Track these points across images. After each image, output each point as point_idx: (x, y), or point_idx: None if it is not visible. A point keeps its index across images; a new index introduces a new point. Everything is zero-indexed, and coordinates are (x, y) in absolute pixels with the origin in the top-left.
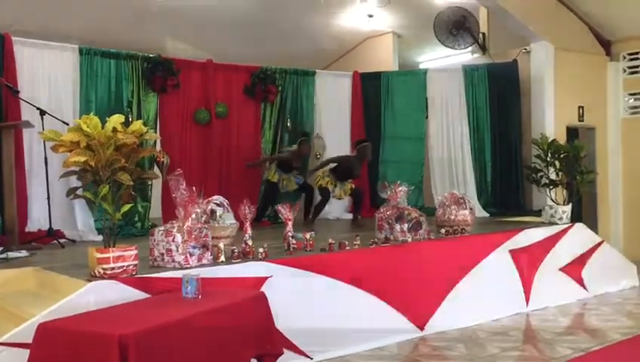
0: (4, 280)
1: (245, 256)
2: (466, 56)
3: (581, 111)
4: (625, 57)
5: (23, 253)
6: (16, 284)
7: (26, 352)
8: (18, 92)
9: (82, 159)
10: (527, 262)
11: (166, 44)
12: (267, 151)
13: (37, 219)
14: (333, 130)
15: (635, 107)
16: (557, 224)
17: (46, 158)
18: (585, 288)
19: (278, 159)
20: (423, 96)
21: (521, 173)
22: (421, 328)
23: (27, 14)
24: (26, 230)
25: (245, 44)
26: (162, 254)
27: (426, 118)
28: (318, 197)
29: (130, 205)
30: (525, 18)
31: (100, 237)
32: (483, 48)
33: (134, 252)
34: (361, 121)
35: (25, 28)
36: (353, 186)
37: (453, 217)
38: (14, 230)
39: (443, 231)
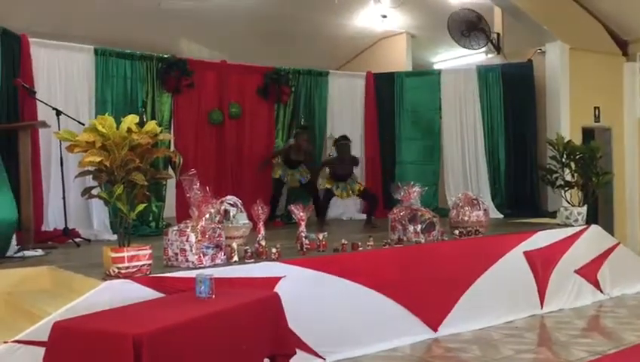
0: (21, 278)
1: (258, 256)
2: (480, 56)
3: (597, 111)
4: None
5: (39, 252)
6: (32, 283)
7: (42, 350)
8: (35, 92)
9: (97, 159)
10: (542, 263)
11: (180, 45)
12: (279, 146)
13: (52, 219)
14: (347, 130)
15: None
16: (572, 226)
17: (61, 158)
18: (600, 290)
19: (278, 154)
20: (436, 97)
21: (536, 175)
22: (434, 329)
23: (43, 16)
24: (42, 229)
25: (259, 45)
26: (176, 254)
27: (440, 118)
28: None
29: (145, 205)
30: (540, 17)
31: (114, 237)
32: (497, 48)
33: (148, 251)
34: (374, 121)
35: (41, 29)
36: (362, 188)
37: (466, 218)
38: (30, 229)
39: (457, 232)
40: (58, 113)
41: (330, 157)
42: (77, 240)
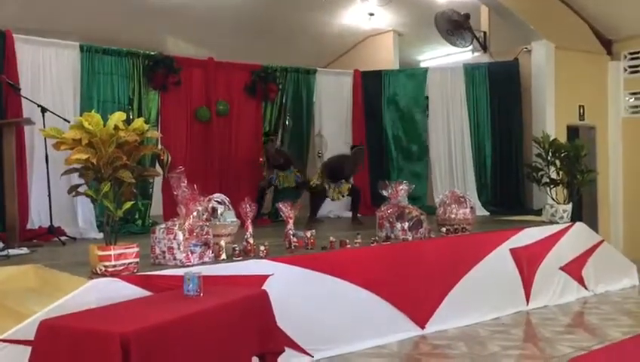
0: (6, 277)
1: (247, 253)
2: (466, 54)
3: (582, 110)
4: (626, 56)
5: (24, 251)
6: (17, 281)
7: (28, 349)
8: (19, 89)
9: (84, 157)
10: (528, 260)
11: (167, 42)
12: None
13: (37, 217)
14: (334, 128)
15: (636, 106)
16: (557, 223)
17: (47, 156)
18: (585, 287)
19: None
20: (423, 95)
21: (522, 172)
22: (422, 326)
23: (28, 11)
24: (27, 227)
25: (246, 43)
26: (164, 252)
27: (427, 116)
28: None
29: (132, 203)
30: (526, 16)
31: (100, 235)
32: (484, 47)
33: (136, 249)
34: (362, 119)
35: (26, 25)
36: (350, 186)
37: (453, 216)
38: (15, 227)
39: (444, 229)
40: (43, 110)
41: (339, 155)
42: (62, 238)
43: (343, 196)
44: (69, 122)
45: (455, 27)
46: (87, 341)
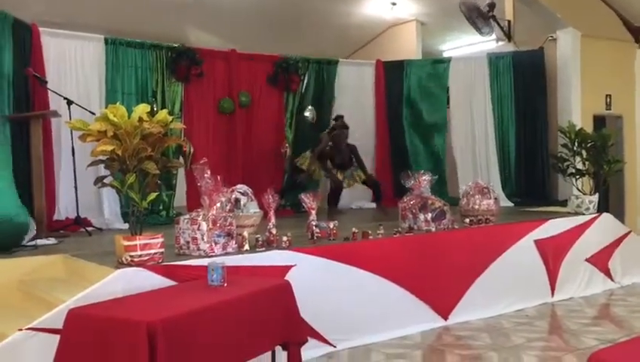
0: (35, 267)
1: (269, 244)
2: (490, 44)
3: (608, 99)
4: None
5: (52, 241)
6: (45, 271)
7: (56, 337)
8: (46, 82)
9: (109, 148)
10: (553, 252)
11: (189, 34)
12: (290, 139)
13: (64, 208)
14: (356, 119)
15: None
16: (583, 214)
17: (73, 148)
18: (611, 278)
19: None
20: (446, 85)
21: (547, 163)
22: (445, 318)
23: (54, 5)
24: (54, 218)
25: (268, 34)
26: (188, 242)
27: (448, 106)
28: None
29: (156, 194)
30: (551, 4)
31: (125, 225)
32: (508, 36)
33: (161, 240)
34: (384, 109)
35: (51, 19)
36: (363, 175)
37: (477, 207)
38: (43, 218)
39: (467, 220)
40: (69, 103)
41: (326, 149)
42: (89, 228)
43: (359, 179)
44: (94, 114)
45: (480, 15)
46: (114, 329)
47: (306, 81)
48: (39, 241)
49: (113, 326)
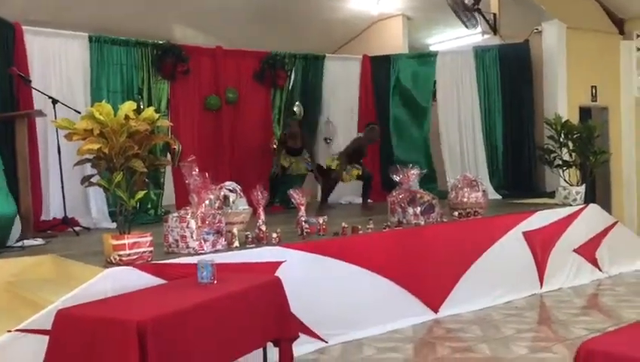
0: (22, 267)
1: (259, 241)
2: (476, 37)
3: (594, 91)
4: (638, 36)
5: (39, 241)
6: (33, 272)
7: (45, 338)
8: (30, 81)
9: (96, 147)
10: (541, 243)
11: (175, 31)
12: (277, 135)
13: (51, 208)
14: (343, 114)
15: None
16: (571, 205)
17: (59, 147)
18: (599, 269)
19: (280, 144)
20: (433, 79)
21: (534, 155)
22: (435, 310)
23: (37, 3)
24: (41, 218)
25: (254, 30)
26: (177, 240)
27: (435, 100)
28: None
29: (144, 192)
30: None
31: (113, 225)
32: (494, 29)
33: (149, 238)
34: (371, 104)
35: (35, 17)
36: (360, 171)
37: (465, 200)
38: (30, 218)
39: (456, 213)
40: (54, 102)
41: (356, 138)
42: (76, 228)
43: (352, 178)
44: (80, 113)
45: (465, 9)
46: (104, 329)
47: (293, 77)
48: (26, 242)
49: (103, 326)
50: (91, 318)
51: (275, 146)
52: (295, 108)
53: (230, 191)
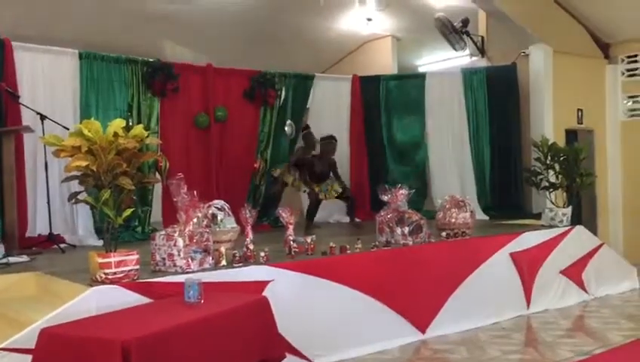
0: (6, 285)
1: (247, 260)
2: (464, 59)
3: (580, 114)
4: (623, 60)
5: (24, 258)
6: (17, 290)
7: (28, 358)
8: (18, 97)
9: (84, 164)
10: (528, 264)
11: (165, 49)
12: (265, 155)
13: (37, 224)
14: (333, 133)
15: (634, 110)
16: (557, 227)
17: (46, 163)
18: (585, 290)
19: (298, 163)
20: (422, 100)
21: (521, 176)
22: (422, 331)
23: (27, 19)
24: (27, 235)
25: (244, 49)
26: (164, 259)
27: (425, 121)
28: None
29: (132, 209)
30: (523, 21)
31: (100, 242)
32: (482, 51)
33: (136, 256)
34: (360, 124)
35: (25, 32)
36: (339, 190)
37: (453, 220)
38: (14, 235)
39: (444, 234)
40: (42, 118)
41: (308, 156)
42: (62, 245)
43: (330, 197)
44: (68, 129)
45: (453, 31)
46: (88, 348)
47: (283, 96)
48: (11, 259)
49: (87, 346)
50: (75, 337)
51: (257, 165)
52: (286, 128)
53: (218, 209)
